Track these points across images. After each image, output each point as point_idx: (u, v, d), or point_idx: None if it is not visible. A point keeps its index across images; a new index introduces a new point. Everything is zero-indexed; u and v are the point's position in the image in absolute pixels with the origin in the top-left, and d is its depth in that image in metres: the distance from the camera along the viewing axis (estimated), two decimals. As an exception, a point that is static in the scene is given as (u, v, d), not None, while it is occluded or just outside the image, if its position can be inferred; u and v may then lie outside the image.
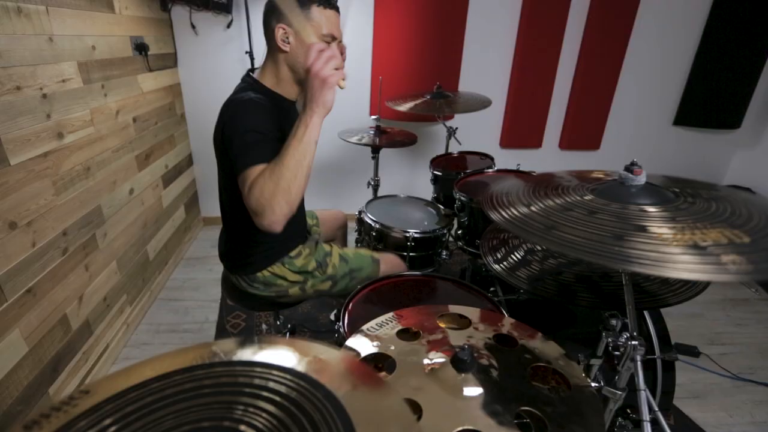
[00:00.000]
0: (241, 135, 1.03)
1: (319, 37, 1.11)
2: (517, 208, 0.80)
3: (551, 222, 0.72)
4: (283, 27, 1.10)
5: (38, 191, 1.40)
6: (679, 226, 0.66)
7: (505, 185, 0.93)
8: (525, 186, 0.91)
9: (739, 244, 0.61)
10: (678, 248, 0.60)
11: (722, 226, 0.66)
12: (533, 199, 0.82)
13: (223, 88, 1.23)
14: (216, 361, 0.39)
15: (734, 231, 0.64)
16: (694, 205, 0.74)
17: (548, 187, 0.87)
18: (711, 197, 0.77)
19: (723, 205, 0.73)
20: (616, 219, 0.70)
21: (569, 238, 0.66)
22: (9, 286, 1.26)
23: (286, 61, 1.15)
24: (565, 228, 0.70)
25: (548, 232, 0.69)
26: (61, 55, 1.53)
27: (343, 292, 1.37)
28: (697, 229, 0.65)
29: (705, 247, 0.60)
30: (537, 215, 0.76)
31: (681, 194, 0.79)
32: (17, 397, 1.29)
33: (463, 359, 0.65)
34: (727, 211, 0.71)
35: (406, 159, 3.11)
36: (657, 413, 0.78)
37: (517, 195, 0.86)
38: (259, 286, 1.31)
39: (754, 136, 3.14)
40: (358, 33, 2.66)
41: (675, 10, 2.76)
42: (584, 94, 2.92)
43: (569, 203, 0.79)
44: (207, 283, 2.45)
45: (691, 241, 0.61)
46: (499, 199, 0.84)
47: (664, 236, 0.63)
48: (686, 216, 0.70)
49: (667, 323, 1.22)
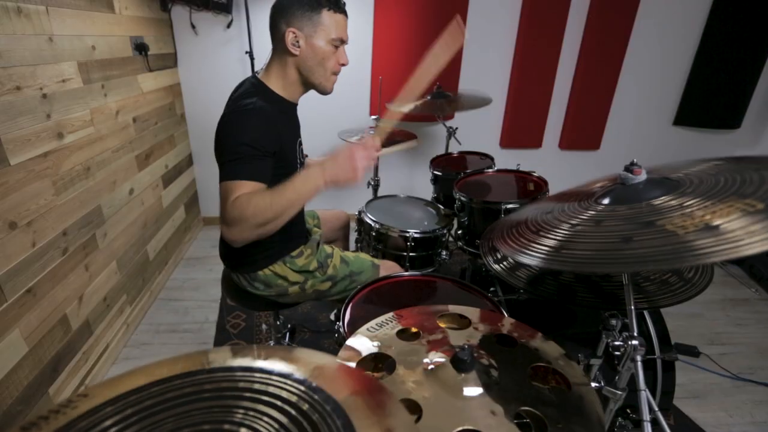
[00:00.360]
0: (236, 145, 1.04)
1: (329, 41, 1.13)
2: (528, 237, 0.79)
3: (558, 243, 0.72)
4: (293, 31, 1.11)
5: (38, 191, 1.40)
6: (688, 211, 0.64)
7: (512, 217, 0.94)
8: (531, 212, 0.90)
9: (753, 212, 0.57)
10: (690, 234, 0.58)
11: (732, 199, 0.62)
12: (542, 225, 0.82)
13: (223, 88, 1.23)
14: (215, 366, 0.39)
15: (746, 201, 0.60)
16: (701, 184, 0.71)
17: (554, 210, 0.87)
18: (718, 171, 0.74)
19: (731, 176, 0.70)
20: (623, 222, 0.69)
21: (579, 255, 0.65)
22: (9, 286, 1.26)
23: (294, 64, 1.16)
24: (574, 246, 0.69)
25: (557, 253, 0.68)
26: (61, 55, 1.53)
27: (341, 294, 1.37)
28: (707, 208, 0.62)
29: (717, 226, 0.57)
30: (548, 239, 0.75)
31: (686, 179, 0.76)
32: (17, 397, 1.29)
33: (463, 359, 0.65)
34: (737, 182, 0.68)
35: (406, 159, 3.11)
36: (657, 413, 0.78)
37: (526, 224, 0.85)
38: (259, 285, 1.31)
39: (754, 136, 3.14)
40: (358, 33, 2.66)
41: (675, 10, 2.76)
42: (584, 94, 2.92)
43: (578, 219, 0.78)
44: (207, 283, 2.45)
45: (702, 224, 0.59)
46: (509, 234, 0.84)
47: (672, 226, 0.61)
48: (694, 198, 0.67)
49: (667, 323, 1.22)
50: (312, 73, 1.17)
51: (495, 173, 1.87)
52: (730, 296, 2.46)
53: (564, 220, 0.79)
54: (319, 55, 1.14)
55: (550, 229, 0.78)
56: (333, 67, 1.18)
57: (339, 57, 1.17)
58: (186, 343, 1.98)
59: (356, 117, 2.82)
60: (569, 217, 0.79)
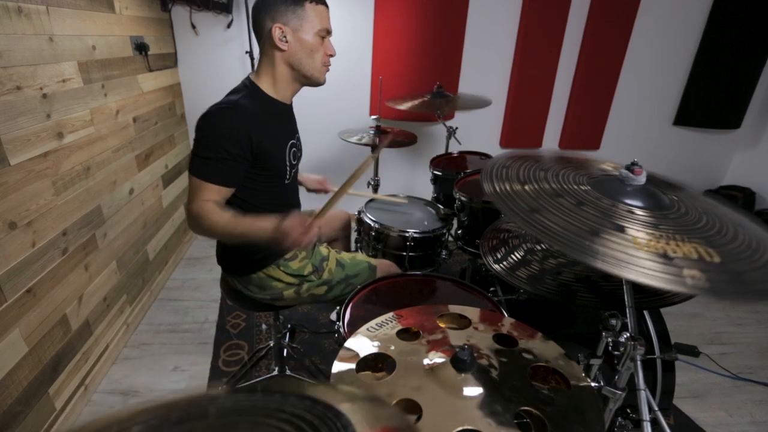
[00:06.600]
0: (213, 143, 1.07)
1: (315, 32, 1.14)
2: (511, 183, 0.78)
3: (537, 205, 0.71)
4: (280, 26, 1.11)
5: (38, 191, 1.39)
6: (657, 234, 0.66)
7: (509, 156, 0.92)
8: (529, 163, 0.88)
9: (708, 262, 0.61)
10: (646, 254, 0.60)
11: (700, 241, 0.65)
12: (531, 179, 0.81)
13: (223, 88, 1.23)
14: None
15: (709, 249, 0.64)
16: (685, 216, 0.73)
17: (551, 169, 0.85)
18: (705, 211, 0.76)
19: (713, 220, 0.73)
20: (600, 214, 0.70)
21: (547, 224, 0.66)
22: (9, 286, 1.26)
23: (284, 60, 1.16)
24: (548, 214, 0.69)
25: (530, 214, 0.69)
26: (61, 55, 1.53)
27: (338, 297, 1.36)
28: (674, 240, 0.65)
29: (672, 258, 0.60)
30: (527, 195, 0.75)
31: (677, 203, 0.77)
32: (17, 398, 1.29)
33: (463, 359, 0.65)
34: (714, 228, 0.70)
35: (406, 159, 3.11)
36: (657, 413, 0.78)
37: (518, 170, 0.84)
38: (254, 288, 1.31)
39: (754, 136, 3.14)
40: (358, 33, 2.65)
41: (675, 10, 2.76)
42: (584, 94, 2.92)
43: (563, 190, 0.78)
44: (207, 283, 2.45)
45: (661, 250, 0.62)
46: (499, 172, 0.83)
47: (637, 240, 0.63)
48: (670, 225, 0.69)
49: (667, 323, 1.22)
50: (303, 65, 1.17)
51: (495, 173, 1.87)
52: (730, 296, 2.46)
53: (552, 184, 0.79)
54: (308, 47, 1.15)
55: (536, 187, 0.78)
56: (322, 58, 1.19)
57: (326, 48, 1.19)
58: (186, 343, 1.98)
59: (356, 117, 2.82)
60: (559, 185, 0.79)
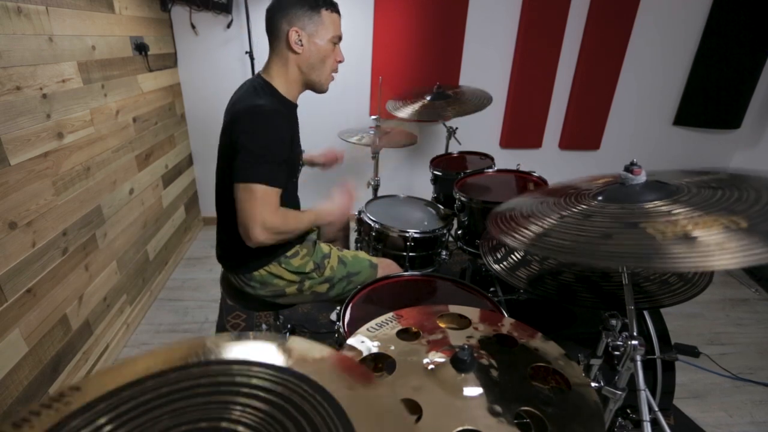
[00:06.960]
0: (259, 148, 1.09)
1: (330, 39, 1.19)
2: (518, 222, 0.80)
3: (544, 230, 0.73)
4: (296, 30, 1.15)
5: (38, 191, 1.39)
6: (674, 219, 0.65)
7: (512, 202, 0.95)
8: (531, 200, 0.91)
9: (735, 230, 0.58)
10: (667, 240, 0.59)
11: (721, 213, 0.63)
12: (535, 213, 0.83)
13: (223, 88, 1.24)
14: (212, 359, 0.38)
15: (732, 217, 0.61)
16: (698, 194, 0.72)
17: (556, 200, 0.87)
18: (720, 185, 0.74)
19: (730, 191, 0.70)
20: (611, 219, 0.70)
21: (556, 243, 0.67)
22: (9, 286, 1.26)
23: (296, 62, 1.20)
24: (557, 233, 0.70)
25: (539, 239, 0.71)
26: (61, 55, 1.53)
27: (339, 295, 1.36)
28: (692, 218, 0.63)
29: (694, 238, 0.58)
30: (536, 225, 0.76)
31: (685, 186, 0.76)
32: (17, 397, 1.29)
33: (463, 359, 0.65)
34: (733, 197, 0.68)
35: (406, 159, 3.11)
36: (657, 413, 0.78)
37: (521, 210, 0.86)
38: (255, 285, 1.31)
39: (754, 136, 3.14)
40: (358, 33, 2.65)
41: (675, 10, 2.76)
42: (584, 94, 2.92)
43: (569, 211, 0.79)
44: (207, 283, 2.45)
45: (681, 233, 0.60)
46: (504, 218, 0.85)
47: (653, 231, 0.62)
48: (684, 207, 0.68)
49: (667, 323, 1.22)
50: (313, 70, 1.21)
51: (495, 173, 1.87)
52: (730, 296, 2.46)
53: (556, 211, 0.80)
54: (321, 52, 1.19)
55: (541, 218, 0.79)
56: (332, 64, 1.24)
57: (337, 54, 1.24)
58: (186, 343, 1.98)
59: (356, 117, 2.82)
60: (561, 209, 0.80)
